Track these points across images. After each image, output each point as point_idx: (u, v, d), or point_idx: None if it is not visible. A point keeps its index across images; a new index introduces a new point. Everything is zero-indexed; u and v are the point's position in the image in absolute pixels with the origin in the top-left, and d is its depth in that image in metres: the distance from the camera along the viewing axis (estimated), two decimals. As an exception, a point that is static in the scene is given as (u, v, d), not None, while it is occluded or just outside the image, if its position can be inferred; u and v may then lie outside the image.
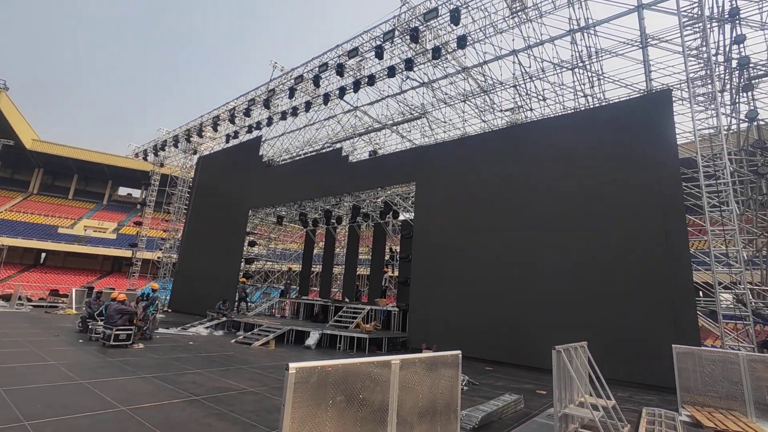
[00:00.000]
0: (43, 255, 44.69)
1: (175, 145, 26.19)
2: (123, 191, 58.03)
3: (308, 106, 18.59)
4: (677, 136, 10.03)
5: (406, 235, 15.45)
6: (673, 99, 10.41)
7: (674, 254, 9.01)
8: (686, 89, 10.81)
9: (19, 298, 18.22)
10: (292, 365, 2.30)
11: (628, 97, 13.04)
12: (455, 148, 14.34)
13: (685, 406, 6.80)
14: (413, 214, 15.16)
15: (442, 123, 19.22)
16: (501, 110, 17.71)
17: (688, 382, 7.03)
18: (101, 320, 10.48)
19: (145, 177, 30.03)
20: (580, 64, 14.23)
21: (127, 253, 35.31)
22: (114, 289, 24.57)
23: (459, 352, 3.63)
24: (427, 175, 14.47)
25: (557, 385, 4.85)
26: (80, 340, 10.21)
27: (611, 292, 9.73)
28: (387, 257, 21.36)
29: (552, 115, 14.82)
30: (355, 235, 21.23)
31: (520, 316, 10.98)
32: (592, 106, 14.55)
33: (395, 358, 2.95)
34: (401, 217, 19.30)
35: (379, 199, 19.03)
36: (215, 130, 22.67)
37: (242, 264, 20.81)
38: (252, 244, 21.76)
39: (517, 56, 14.62)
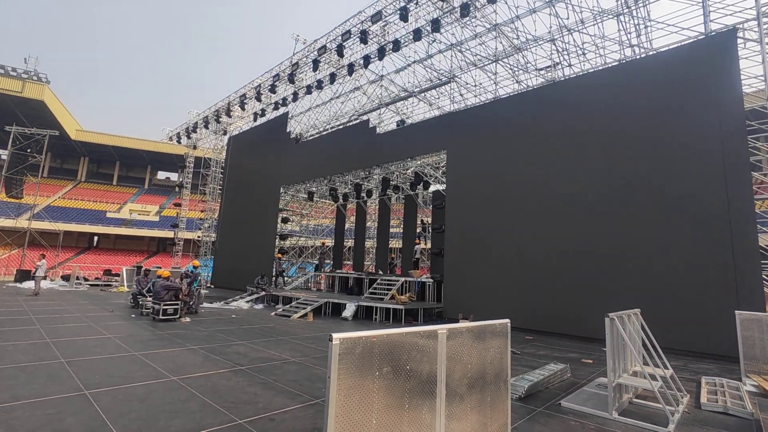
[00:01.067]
0: (96, 238, 47.78)
1: (206, 127, 26.66)
2: (162, 175, 60.61)
3: (333, 77, 18.18)
4: (742, 84, 8.97)
5: (438, 205, 15.12)
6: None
7: (738, 214, 8.23)
8: (754, 29, 9.55)
9: (77, 278, 19.60)
10: (336, 336, 2.16)
11: (680, 44, 11.77)
12: (488, 112, 13.63)
13: (750, 375, 6.33)
14: (445, 183, 14.75)
15: (472, 87, 18.30)
16: (536, 69, 16.58)
17: (753, 351, 6.51)
18: (149, 296, 11.04)
19: (181, 160, 31.03)
20: (625, 11, 12.93)
21: (170, 234, 37.13)
22: (160, 267, 26.03)
23: (507, 320, 3.41)
24: (458, 142, 13.92)
25: (611, 354, 4.57)
26: (132, 315, 10.83)
27: (665, 256, 9.11)
28: (419, 229, 21.19)
29: (594, 70, 13.68)
30: (386, 208, 21.09)
31: (563, 284, 10.58)
32: (639, 57, 13.29)
33: (442, 328, 2.77)
34: (432, 188, 18.90)
35: (408, 170, 18.67)
36: (243, 108, 22.76)
37: (277, 240, 21.28)
38: (285, 220, 22.14)
39: (553, 7, 13.47)
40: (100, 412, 3.84)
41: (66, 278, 21.71)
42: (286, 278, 20.29)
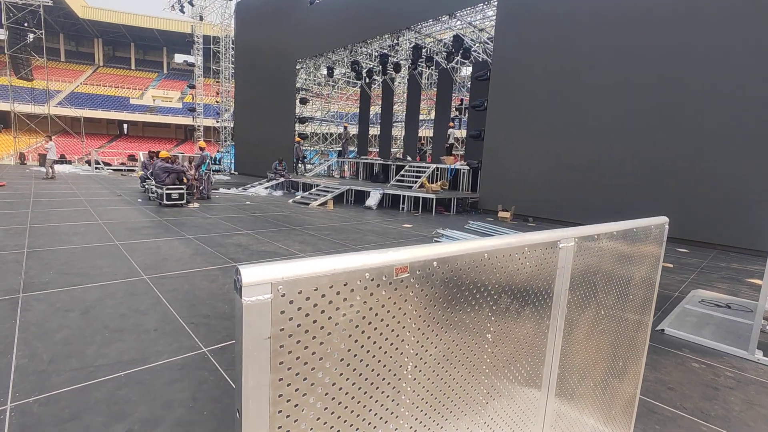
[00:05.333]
0: (125, 126, 47.52)
1: (208, -11, 22.85)
2: (179, 58, 57.12)
3: None
4: None
5: (480, 76, 12.44)
6: None
7: None
8: None
9: (97, 163, 19.15)
10: (273, 273, 0.58)
11: None
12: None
13: None
14: (492, 47, 11.82)
15: None
16: None
17: None
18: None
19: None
20: None
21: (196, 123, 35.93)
22: (183, 153, 25.37)
23: (665, 219, 1.76)
24: (515, -12, 10.59)
25: (773, 270, 2.92)
26: (139, 200, 9.99)
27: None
28: (455, 113, 18.63)
29: None
30: (416, 86, 18.29)
31: (630, 168, 8.57)
32: None
33: (563, 235, 1.15)
34: (473, 59, 15.77)
35: (446, 35, 15.40)
36: (245, -40, 18.76)
37: (296, 124, 19.48)
38: (303, 101, 19.94)
39: None
40: (16, 329, 2.75)
41: (90, 163, 21.46)
42: (307, 164, 19.05)
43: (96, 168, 18.90)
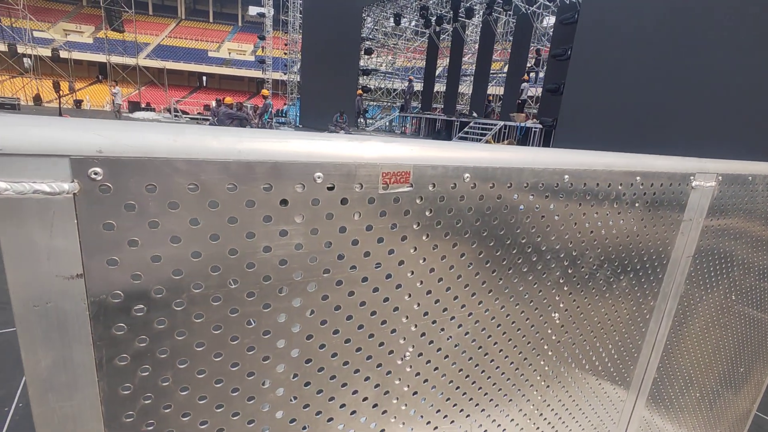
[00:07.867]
0: (204, 78, 50.28)
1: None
2: (253, 10, 58.23)
3: None
4: None
5: (566, 19, 10.84)
6: None
7: None
8: None
9: (176, 111, 20.54)
10: (23, 131, 0.26)
11: None
12: None
13: None
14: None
15: None
16: None
17: None
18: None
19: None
20: None
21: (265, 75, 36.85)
22: (252, 104, 26.31)
23: None
24: None
25: None
26: (206, 146, 10.44)
27: None
28: (529, 66, 16.83)
29: None
30: (490, 35, 16.67)
31: (749, 131, 7.05)
32: None
33: (700, 167, 0.71)
34: (559, 2, 13.80)
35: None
36: None
37: (359, 77, 18.96)
38: (368, 51, 19.22)
39: None
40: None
41: (170, 111, 23.13)
42: (368, 119, 18.69)
43: (175, 116, 20.30)
